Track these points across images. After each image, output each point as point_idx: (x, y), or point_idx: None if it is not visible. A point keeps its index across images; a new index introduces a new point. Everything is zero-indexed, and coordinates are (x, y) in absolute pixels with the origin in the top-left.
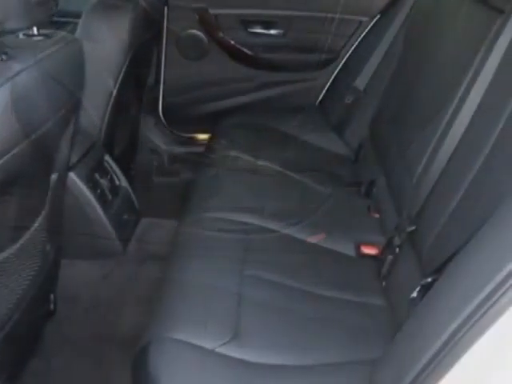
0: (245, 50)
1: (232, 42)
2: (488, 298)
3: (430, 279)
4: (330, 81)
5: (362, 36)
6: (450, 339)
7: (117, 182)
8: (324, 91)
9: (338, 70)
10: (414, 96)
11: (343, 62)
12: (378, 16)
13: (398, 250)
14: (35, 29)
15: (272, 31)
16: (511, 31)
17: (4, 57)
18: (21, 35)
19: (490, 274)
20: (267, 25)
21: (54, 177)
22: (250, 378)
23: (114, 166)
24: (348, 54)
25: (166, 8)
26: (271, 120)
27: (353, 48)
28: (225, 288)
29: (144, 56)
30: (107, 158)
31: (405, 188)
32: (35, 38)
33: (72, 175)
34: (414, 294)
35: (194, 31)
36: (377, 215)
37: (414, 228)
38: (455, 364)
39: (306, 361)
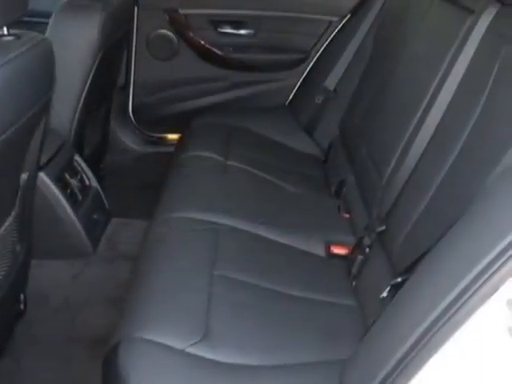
0: (215, 50)
1: (202, 42)
2: (458, 298)
3: (400, 279)
4: (300, 81)
5: (332, 36)
6: (420, 339)
7: (87, 182)
8: (294, 91)
9: (308, 69)
10: (384, 96)
11: (313, 61)
12: (348, 16)
13: (368, 249)
14: (5, 29)
15: (242, 31)
16: (481, 31)
17: None
18: None
19: (461, 274)
20: (237, 25)
21: (24, 176)
22: (220, 378)
23: (84, 165)
24: (318, 54)
25: (136, 8)
26: (241, 120)
27: (323, 48)
28: (195, 288)
29: (114, 56)
30: (77, 157)
31: (375, 188)
32: (5, 39)
33: (42, 175)
34: (385, 294)
35: (164, 31)
36: (347, 215)
37: (384, 228)
38: (425, 364)
39: (276, 361)
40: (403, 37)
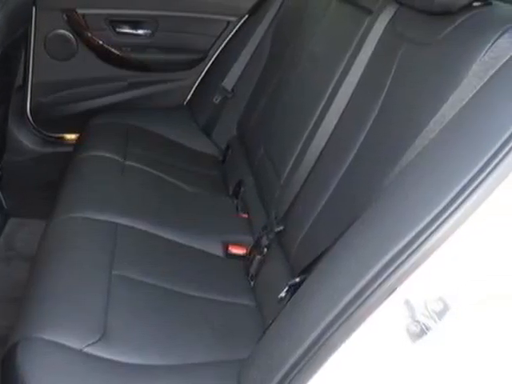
0: (113, 50)
1: (100, 42)
2: (356, 298)
3: (298, 279)
4: (198, 81)
5: (230, 36)
6: (318, 339)
7: None
8: (192, 91)
9: (206, 69)
10: (282, 96)
11: (211, 62)
12: (246, 16)
13: (266, 250)
14: None
15: (140, 31)
16: (379, 31)
17: None
18: None
19: (358, 275)
20: (135, 25)
21: None
22: (117, 377)
23: None
24: (216, 54)
25: (34, 8)
26: (140, 120)
27: (221, 48)
28: (93, 288)
29: (12, 56)
30: None
31: (273, 188)
32: None
33: None
34: (283, 294)
35: (62, 31)
36: (245, 215)
37: (281, 228)
38: (323, 364)
39: (174, 361)
40: (301, 37)
